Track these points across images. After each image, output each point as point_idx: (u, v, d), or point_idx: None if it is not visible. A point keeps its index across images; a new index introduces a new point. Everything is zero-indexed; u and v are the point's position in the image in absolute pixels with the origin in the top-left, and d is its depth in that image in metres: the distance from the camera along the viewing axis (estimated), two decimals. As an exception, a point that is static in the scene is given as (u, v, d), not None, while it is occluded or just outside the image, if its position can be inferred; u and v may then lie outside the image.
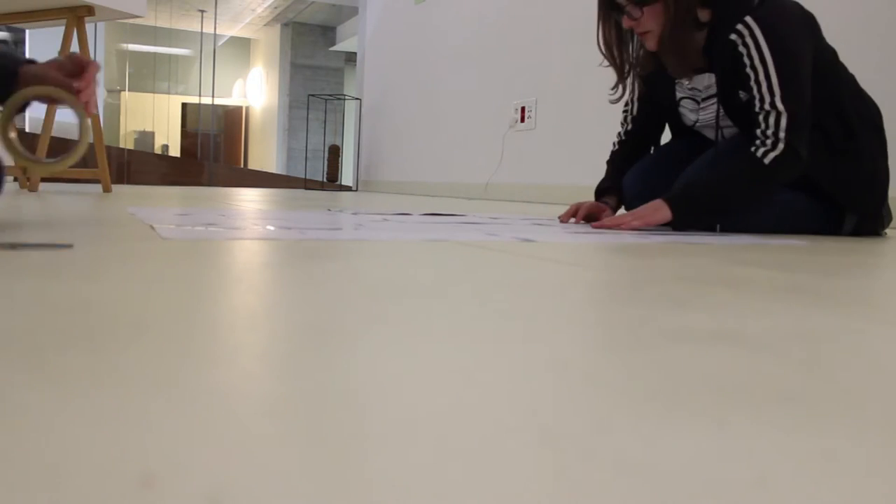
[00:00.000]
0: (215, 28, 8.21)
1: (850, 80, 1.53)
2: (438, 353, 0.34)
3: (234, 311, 0.43)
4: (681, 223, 1.46)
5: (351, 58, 9.42)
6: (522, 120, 3.73)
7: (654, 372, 0.32)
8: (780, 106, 1.39)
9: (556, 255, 0.86)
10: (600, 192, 1.75)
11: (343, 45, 9.33)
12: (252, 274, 0.60)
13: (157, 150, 10.70)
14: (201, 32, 8.14)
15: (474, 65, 4.21)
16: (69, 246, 0.80)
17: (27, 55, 1.15)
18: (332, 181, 6.37)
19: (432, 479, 0.19)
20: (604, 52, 1.56)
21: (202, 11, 8.07)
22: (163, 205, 1.82)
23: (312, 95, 7.16)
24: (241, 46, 11.26)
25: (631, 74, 1.60)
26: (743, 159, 1.43)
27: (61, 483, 0.18)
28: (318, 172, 8.00)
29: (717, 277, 0.69)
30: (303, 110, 9.33)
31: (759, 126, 1.42)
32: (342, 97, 6.59)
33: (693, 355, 0.36)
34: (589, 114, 3.22)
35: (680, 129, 1.71)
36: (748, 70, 1.42)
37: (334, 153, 6.39)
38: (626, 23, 1.48)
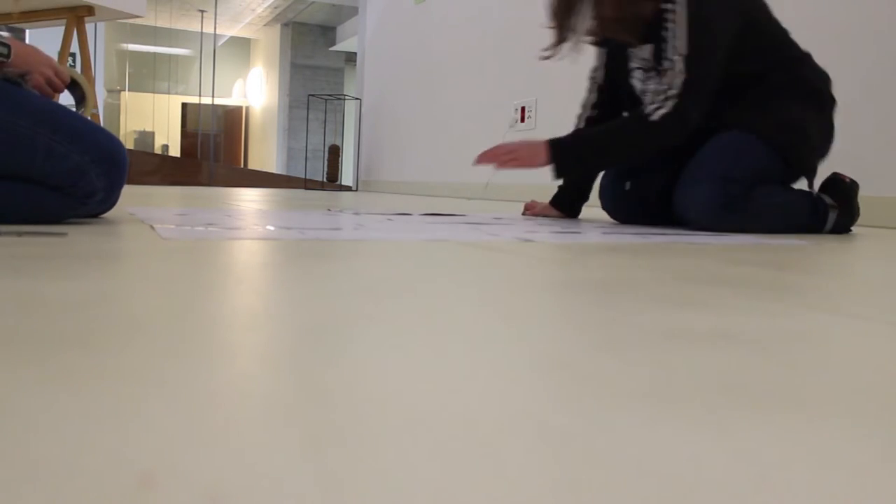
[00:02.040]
0: (215, 28, 8.21)
1: (797, 56, 1.58)
2: (438, 353, 0.34)
3: (234, 311, 0.43)
4: (558, 170, 1.52)
5: (351, 58, 9.42)
6: (522, 120, 3.73)
7: (654, 372, 0.32)
8: (680, 66, 1.44)
9: (555, 254, 0.86)
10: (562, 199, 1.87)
11: (343, 45, 9.33)
12: (252, 274, 0.60)
13: (157, 150, 10.70)
14: (201, 32, 8.14)
15: (474, 65, 4.21)
16: (64, 234, 0.87)
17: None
18: (332, 181, 6.37)
19: (431, 479, 0.19)
20: (550, 14, 1.60)
21: (202, 11, 8.07)
22: (163, 205, 1.82)
23: (312, 95, 7.16)
24: (241, 46, 11.26)
25: (567, 42, 1.63)
26: (632, 116, 1.49)
27: (61, 483, 0.18)
28: (318, 172, 8.00)
29: (717, 277, 0.69)
30: (303, 110, 9.33)
31: (659, 83, 1.47)
32: (342, 97, 6.58)
33: (693, 355, 0.36)
34: (589, 114, 3.22)
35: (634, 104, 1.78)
36: (665, 34, 1.47)
37: (334, 153, 6.38)
38: None
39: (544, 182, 3.54)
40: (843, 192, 1.57)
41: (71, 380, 0.27)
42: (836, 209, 1.55)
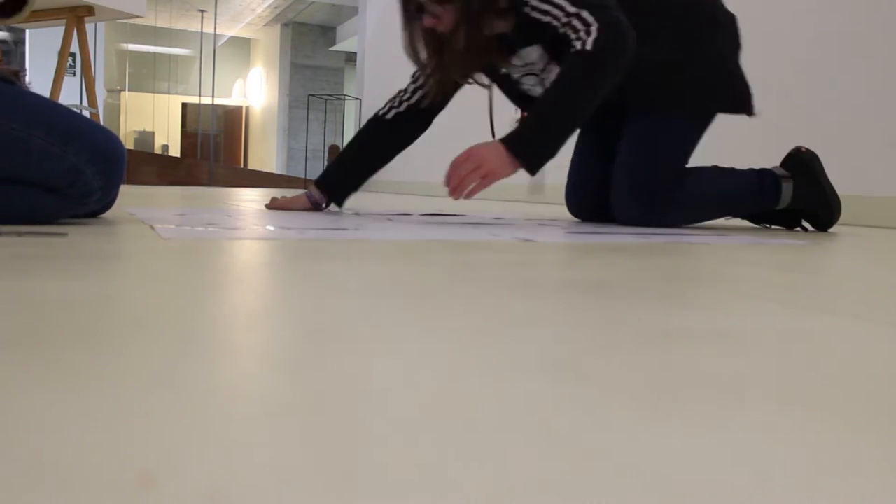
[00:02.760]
0: (215, 28, 8.21)
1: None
2: (438, 353, 0.34)
3: (234, 311, 0.43)
4: (533, 163, 1.40)
5: (351, 58, 9.42)
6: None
7: (654, 372, 0.32)
8: (571, 10, 1.35)
9: (556, 255, 0.86)
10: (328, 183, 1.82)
11: (343, 45, 9.33)
12: (252, 274, 0.60)
13: (157, 150, 10.71)
14: (201, 32, 8.14)
15: (474, 65, 4.20)
16: (64, 234, 0.87)
17: (27, 55, 1.18)
18: (332, 181, 6.37)
19: (431, 479, 0.19)
20: (408, 53, 1.61)
21: (202, 11, 8.07)
22: (163, 205, 1.82)
23: (312, 95, 7.16)
24: (241, 46, 11.27)
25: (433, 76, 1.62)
26: (569, 66, 1.36)
27: (61, 483, 0.18)
28: (318, 172, 8.00)
29: (717, 277, 0.69)
30: (303, 110, 9.33)
31: (569, 40, 1.36)
32: (342, 97, 6.59)
33: (692, 355, 0.36)
34: (589, 114, 3.21)
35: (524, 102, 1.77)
36: (547, 21, 1.39)
37: (334, 153, 6.39)
38: (427, 21, 1.44)
39: (546, 181, 3.54)
40: (798, 162, 1.56)
41: (71, 379, 0.27)
42: (789, 180, 1.54)
